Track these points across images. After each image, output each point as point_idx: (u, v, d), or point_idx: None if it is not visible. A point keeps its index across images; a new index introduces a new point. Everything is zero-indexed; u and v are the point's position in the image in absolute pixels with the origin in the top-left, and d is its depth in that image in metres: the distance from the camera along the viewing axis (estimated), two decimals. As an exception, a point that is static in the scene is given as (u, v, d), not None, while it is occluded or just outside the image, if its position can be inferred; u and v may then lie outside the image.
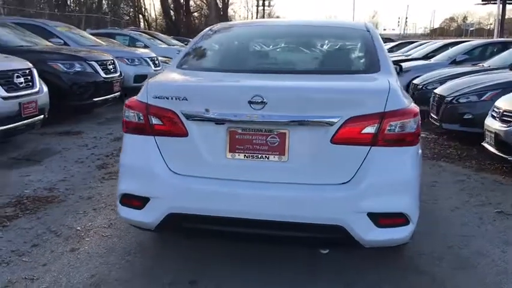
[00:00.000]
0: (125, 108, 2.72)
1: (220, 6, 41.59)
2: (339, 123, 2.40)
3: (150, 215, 2.59)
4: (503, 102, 5.20)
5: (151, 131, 2.60)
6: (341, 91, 2.55)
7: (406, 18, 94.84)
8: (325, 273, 2.91)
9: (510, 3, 29.93)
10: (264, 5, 55.21)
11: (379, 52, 3.01)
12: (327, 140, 2.42)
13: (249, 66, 3.12)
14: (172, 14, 34.57)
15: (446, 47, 12.54)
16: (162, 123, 2.57)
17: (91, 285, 2.74)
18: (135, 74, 9.77)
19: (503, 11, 28.90)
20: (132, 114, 2.67)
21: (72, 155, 5.68)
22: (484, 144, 5.37)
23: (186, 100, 2.52)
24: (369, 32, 3.29)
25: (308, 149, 2.46)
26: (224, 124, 2.50)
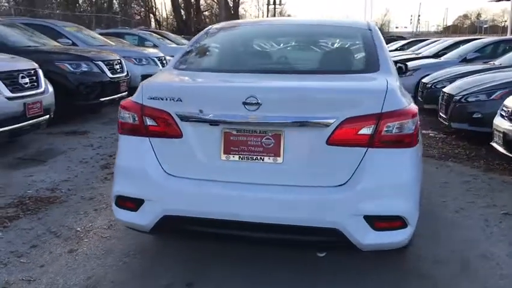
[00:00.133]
0: (120, 109, 2.70)
1: (231, 5, 41.58)
2: (334, 124, 2.35)
3: (144, 217, 2.57)
4: (512, 101, 5.10)
5: (145, 132, 2.57)
6: (337, 91, 2.50)
7: (419, 16, 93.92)
8: (325, 274, 2.87)
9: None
10: (275, 3, 55.09)
11: (379, 51, 2.95)
12: (322, 142, 2.37)
13: (245, 67, 3.08)
14: (182, 13, 34.60)
15: (457, 44, 12.36)
16: (156, 125, 2.55)
17: (87, 287, 2.73)
18: (143, 73, 9.76)
19: (516, 8, 28.46)
20: (127, 115, 2.64)
21: (76, 155, 5.69)
22: (492, 144, 5.27)
23: (181, 101, 2.49)
24: (370, 31, 3.23)
25: (303, 150, 2.41)
26: (218, 125, 2.46)
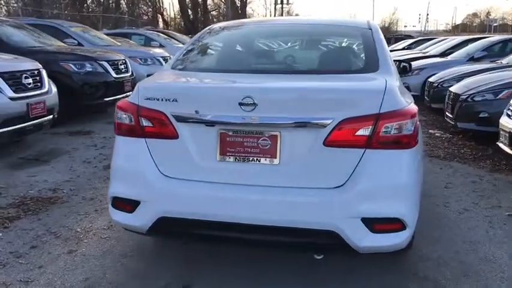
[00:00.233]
0: (116, 109, 2.68)
1: (239, 5, 41.55)
2: (331, 125, 2.31)
3: (140, 218, 2.55)
4: (518, 101, 5.03)
5: (142, 133, 2.55)
6: (334, 92, 2.46)
7: (427, 14, 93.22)
8: (325, 277, 2.84)
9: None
10: (283, 3, 54.96)
11: (379, 51, 2.91)
12: (319, 143, 2.34)
13: (242, 67, 3.05)
14: (190, 13, 34.64)
15: (465, 43, 12.24)
16: (152, 125, 2.53)
17: (84, 289, 2.72)
18: (148, 73, 9.73)
19: (526, 6, 28.16)
20: (123, 116, 2.63)
21: (80, 155, 5.70)
22: (498, 143, 5.20)
23: (176, 101, 2.47)
24: (370, 30, 3.19)
25: (300, 151, 2.38)
26: (214, 126, 2.44)
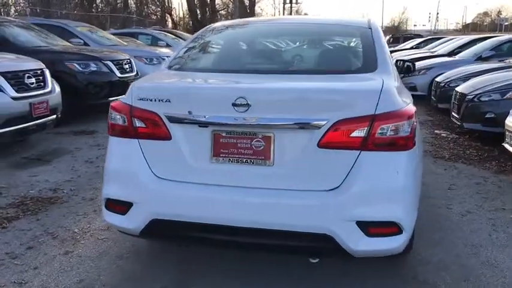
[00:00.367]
0: (110, 109, 2.66)
1: (247, 4, 41.48)
2: (326, 126, 2.27)
3: (133, 220, 2.52)
4: (525, 101, 4.95)
5: (135, 133, 2.53)
6: (329, 92, 2.40)
7: (437, 13, 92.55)
8: (323, 279, 2.79)
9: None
10: (292, 2, 54.85)
11: (378, 50, 2.85)
12: (313, 144, 2.29)
13: (238, 67, 3.00)
14: (198, 13, 34.64)
15: (473, 42, 12.09)
16: (145, 126, 2.50)
17: (78, 291, 2.70)
18: (153, 73, 9.77)
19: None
20: (117, 117, 2.60)
21: (82, 155, 5.70)
22: (504, 144, 5.11)
23: (169, 102, 2.43)
24: (370, 30, 3.13)
25: (294, 153, 2.33)
26: (208, 127, 2.40)
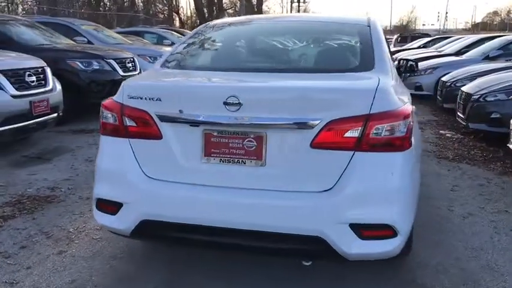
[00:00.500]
0: (101, 108, 2.62)
1: (254, 3, 41.41)
2: (319, 126, 2.21)
3: (123, 221, 2.48)
4: (530, 101, 4.85)
5: (125, 133, 2.48)
6: (322, 91, 2.34)
7: (446, 12, 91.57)
8: (319, 283, 2.74)
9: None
10: (299, 1, 54.72)
11: (376, 49, 2.78)
12: (306, 144, 2.23)
13: (231, 65, 2.94)
14: (205, 12, 34.66)
15: (481, 42, 11.94)
16: (136, 125, 2.45)
17: (69, 291, 2.67)
18: (157, 71, 9.73)
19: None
20: (108, 115, 2.56)
21: (83, 154, 5.67)
22: (509, 145, 5.03)
23: (160, 101, 2.39)
24: (368, 27, 3.06)
25: (286, 153, 2.28)
26: (199, 126, 2.35)
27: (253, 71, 2.79)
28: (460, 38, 15.62)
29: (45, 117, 5.68)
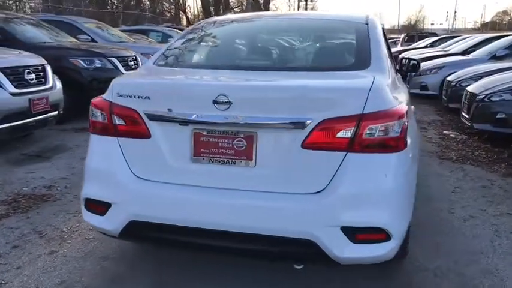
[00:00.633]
0: (91, 106, 2.57)
1: (261, 2, 41.26)
2: (310, 126, 2.14)
3: (112, 221, 2.43)
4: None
5: (114, 131, 2.43)
6: (314, 90, 2.26)
7: (455, 12, 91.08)
8: (313, 285, 2.68)
9: None
10: (307, 0, 54.46)
11: (373, 47, 2.71)
12: (297, 144, 2.17)
13: (223, 63, 2.86)
14: (212, 10, 34.61)
15: (488, 41, 11.78)
16: (124, 124, 2.40)
17: (57, 292, 2.62)
18: (160, 69, 9.69)
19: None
20: (97, 114, 2.52)
21: (81, 152, 5.62)
22: (513, 146, 4.94)
23: (149, 99, 2.33)
24: (366, 25, 2.99)
25: (277, 154, 2.21)
26: (188, 125, 2.29)
27: (245, 69, 2.73)
28: (467, 37, 15.46)
29: (45, 115, 5.65)
